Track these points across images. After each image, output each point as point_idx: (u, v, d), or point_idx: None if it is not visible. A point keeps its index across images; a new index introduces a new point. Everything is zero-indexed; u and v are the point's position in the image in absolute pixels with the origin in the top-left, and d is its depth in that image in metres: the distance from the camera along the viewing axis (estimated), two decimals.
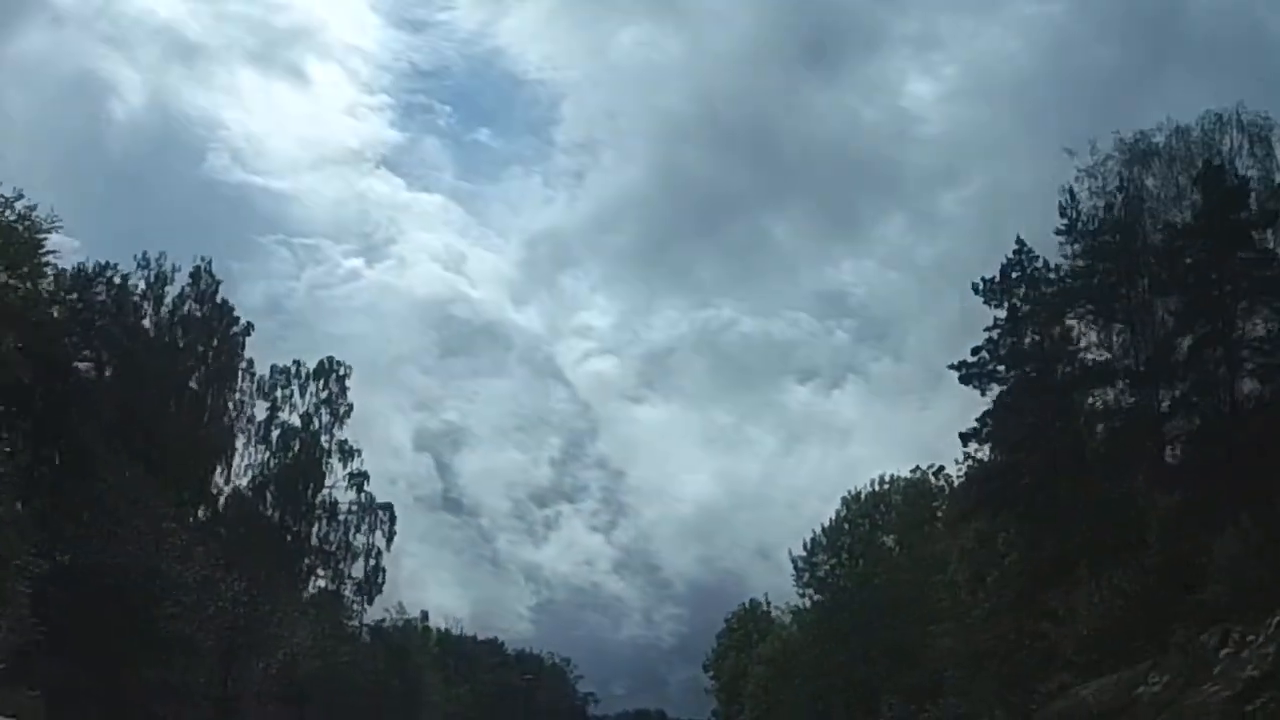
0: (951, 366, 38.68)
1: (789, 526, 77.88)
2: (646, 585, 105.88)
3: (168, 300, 49.25)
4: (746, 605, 79.34)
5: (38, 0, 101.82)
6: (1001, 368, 38.10)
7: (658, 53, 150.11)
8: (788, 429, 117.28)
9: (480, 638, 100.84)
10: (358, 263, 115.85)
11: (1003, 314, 38.64)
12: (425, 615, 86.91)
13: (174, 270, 49.74)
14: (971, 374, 38.09)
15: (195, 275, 50.00)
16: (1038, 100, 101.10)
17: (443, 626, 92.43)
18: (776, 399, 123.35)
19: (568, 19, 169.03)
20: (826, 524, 67.46)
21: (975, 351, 38.16)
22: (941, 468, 56.97)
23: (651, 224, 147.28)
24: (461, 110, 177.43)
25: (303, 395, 55.39)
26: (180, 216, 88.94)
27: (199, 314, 50.62)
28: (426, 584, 79.02)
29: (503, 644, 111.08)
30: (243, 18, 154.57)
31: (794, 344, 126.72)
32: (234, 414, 53.05)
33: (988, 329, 38.58)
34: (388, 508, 55.73)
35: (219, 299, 50.97)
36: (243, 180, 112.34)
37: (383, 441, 74.29)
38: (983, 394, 37.54)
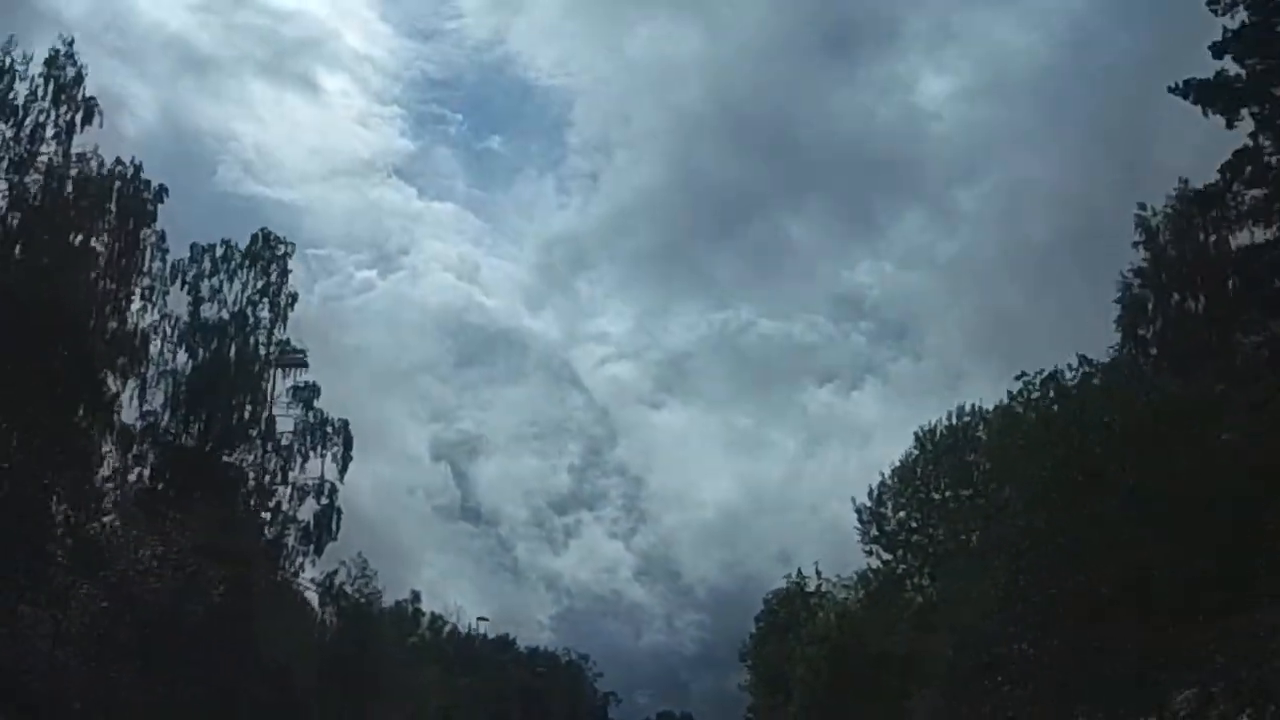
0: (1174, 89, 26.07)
1: (810, 530, 79.07)
2: (667, 592, 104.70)
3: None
4: (795, 578, 66.34)
5: (47, 14, 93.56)
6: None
7: (672, 49, 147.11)
8: (808, 431, 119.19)
9: (491, 635, 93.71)
10: (371, 273, 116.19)
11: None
12: (417, 596, 75.56)
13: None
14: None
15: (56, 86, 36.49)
16: (1056, 93, 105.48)
17: (447, 617, 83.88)
18: (796, 400, 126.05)
19: (580, 19, 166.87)
20: (895, 465, 55.09)
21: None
22: None
23: (668, 225, 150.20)
24: (473, 118, 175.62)
25: (232, 283, 43.04)
26: (192, 230, 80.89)
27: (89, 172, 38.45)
28: (446, 593, 76.71)
29: (514, 640, 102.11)
30: (253, 28, 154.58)
31: (813, 345, 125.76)
32: (141, 307, 41.12)
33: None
34: (342, 429, 43.12)
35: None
36: (254, 192, 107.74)
37: (399, 451, 76.71)
38: (1229, 124, 24.86)
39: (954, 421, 54.69)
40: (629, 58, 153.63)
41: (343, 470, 42.50)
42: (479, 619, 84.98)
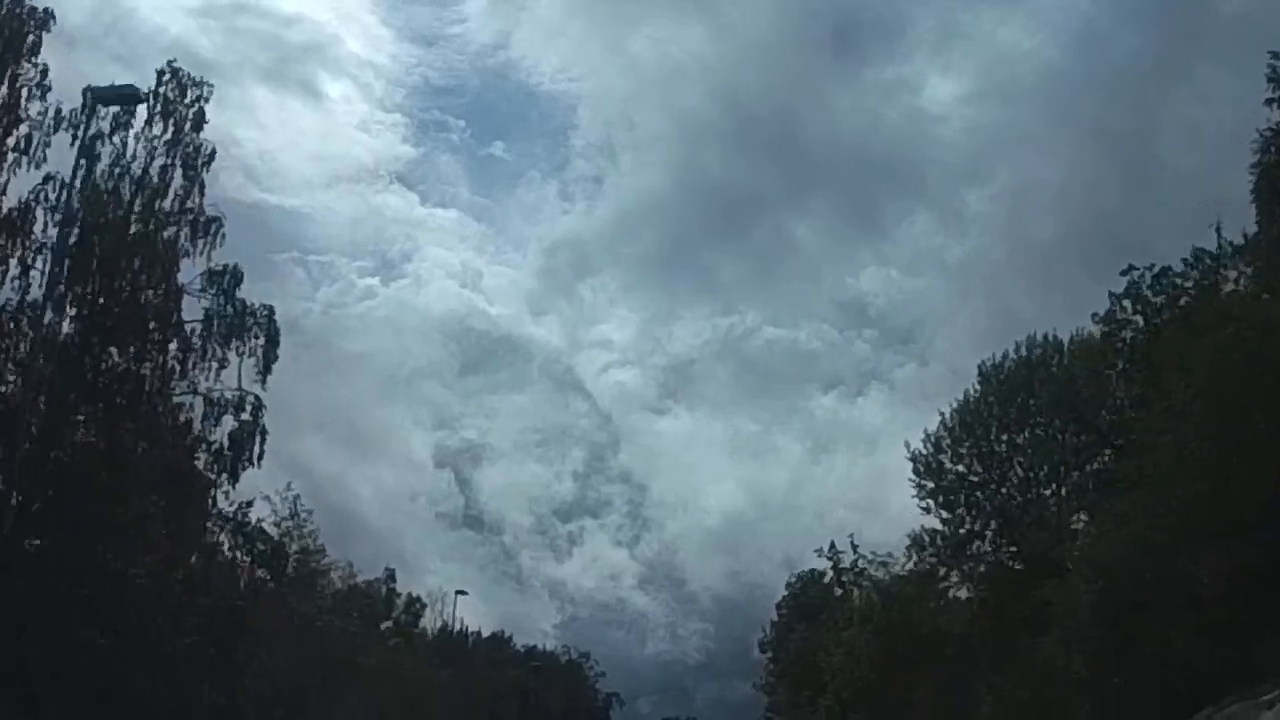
0: None
1: (816, 537, 75.96)
2: (671, 600, 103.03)
3: None
4: (828, 553, 56.71)
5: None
6: None
7: (677, 51, 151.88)
8: (814, 437, 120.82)
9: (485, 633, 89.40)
10: (373, 279, 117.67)
11: None
12: (392, 574, 66.46)
13: None
14: None
15: None
16: (1063, 95, 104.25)
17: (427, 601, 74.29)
18: (802, 406, 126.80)
19: (583, 21, 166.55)
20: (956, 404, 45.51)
21: None
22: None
23: (672, 229, 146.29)
24: (476, 124, 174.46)
25: (131, 136, 33.64)
26: None
27: None
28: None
29: (510, 637, 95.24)
30: (254, 33, 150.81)
31: (819, 351, 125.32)
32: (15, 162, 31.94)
33: None
34: (266, 319, 33.53)
35: None
36: (257, 199, 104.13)
37: (402, 458, 77.64)
38: None
39: (1024, 354, 45.43)
40: (633, 60, 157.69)
41: (264, 375, 32.95)
42: (457, 593, 74.98)
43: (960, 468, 45.34)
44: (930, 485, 45.13)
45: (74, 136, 32.75)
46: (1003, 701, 38.55)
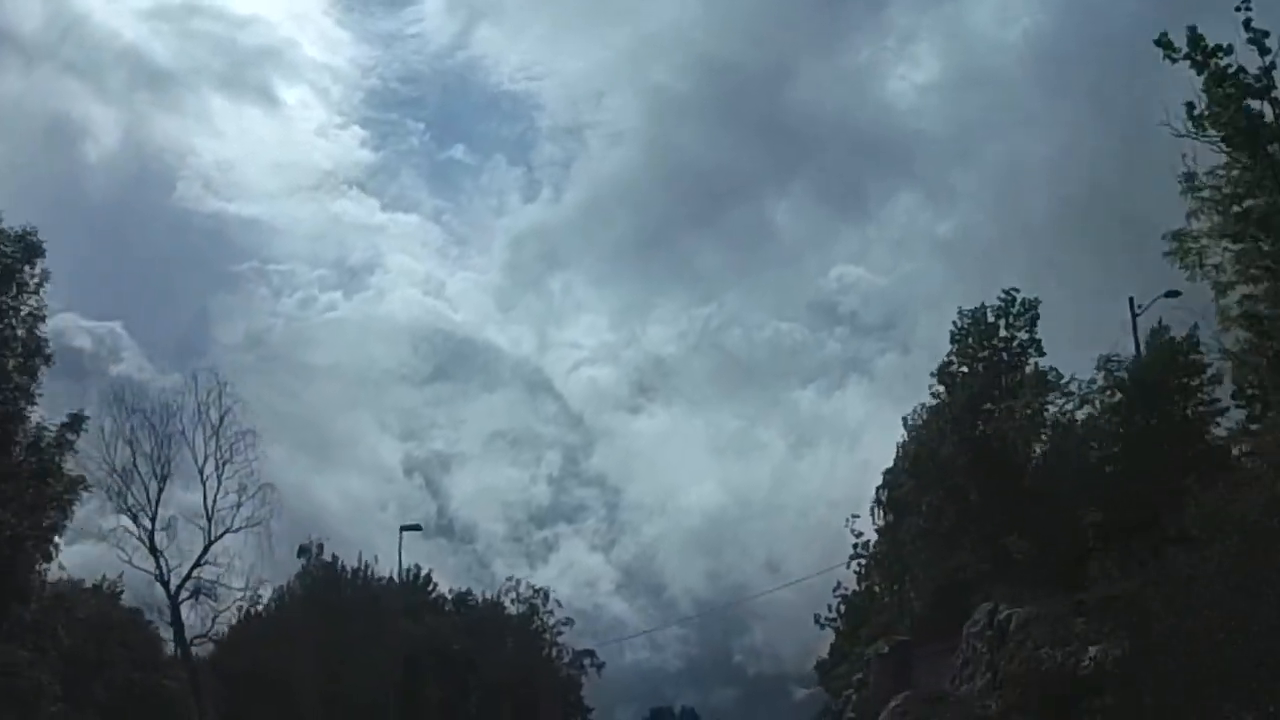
0: None
1: (800, 536, 79.65)
2: (650, 605, 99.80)
3: None
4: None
5: (4, 31, 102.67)
6: None
7: (649, 19, 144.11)
8: (797, 432, 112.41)
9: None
10: (335, 287, 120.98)
11: None
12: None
13: None
14: None
15: None
16: (1056, 64, 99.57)
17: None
18: (785, 398, 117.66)
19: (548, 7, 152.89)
20: None
21: None
22: None
23: (645, 214, 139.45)
24: (436, 125, 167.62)
25: None
26: (153, 247, 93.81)
27: None
28: None
29: (468, 592, 78.65)
30: (208, 37, 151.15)
31: (803, 340, 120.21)
32: None
33: None
34: None
35: None
36: (216, 209, 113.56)
37: (371, 466, 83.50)
38: None
39: None
40: (600, 33, 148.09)
41: None
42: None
43: None
44: None
45: None
46: None
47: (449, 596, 75.37)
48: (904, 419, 49.16)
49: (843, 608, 61.34)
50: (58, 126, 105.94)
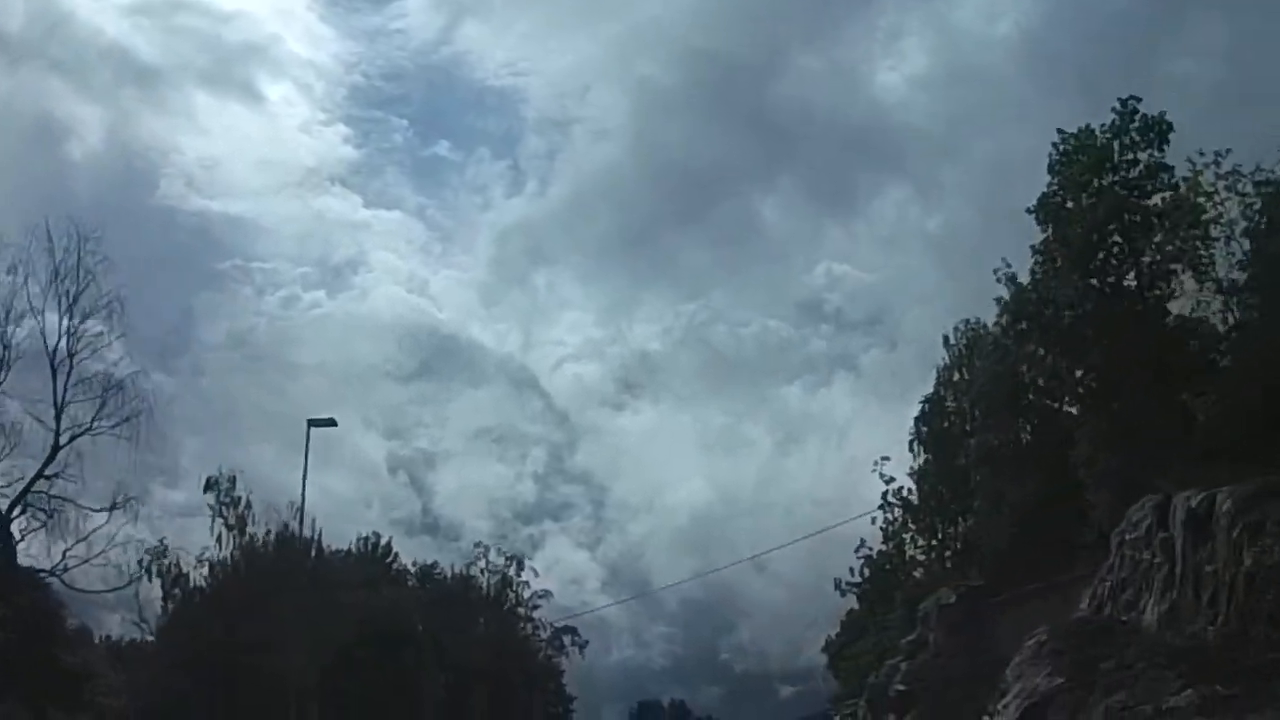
0: None
1: (787, 534, 69.07)
2: (636, 603, 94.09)
3: None
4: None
5: None
6: None
7: (636, 12, 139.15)
8: (784, 428, 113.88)
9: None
10: (319, 285, 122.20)
11: None
12: None
13: None
14: None
15: None
16: (1047, 55, 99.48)
17: None
18: (773, 394, 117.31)
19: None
20: None
21: None
22: None
23: (631, 209, 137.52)
24: (420, 121, 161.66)
25: None
26: (137, 246, 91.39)
27: None
28: None
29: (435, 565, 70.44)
30: (192, 33, 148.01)
31: (791, 336, 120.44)
32: None
33: None
34: None
35: None
36: (199, 206, 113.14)
37: (355, 464, 78.99)
38: None
39: None
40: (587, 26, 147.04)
41: None
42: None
43: None
44: None
45: None
46: None
47: (413, 570, 66.96)
48: (956, 328, 41.68)
49: (866, 570, 53.12)
50: (42, 125, 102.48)
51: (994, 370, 35.89)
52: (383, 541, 65.20)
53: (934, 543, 46.24)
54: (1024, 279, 32.76)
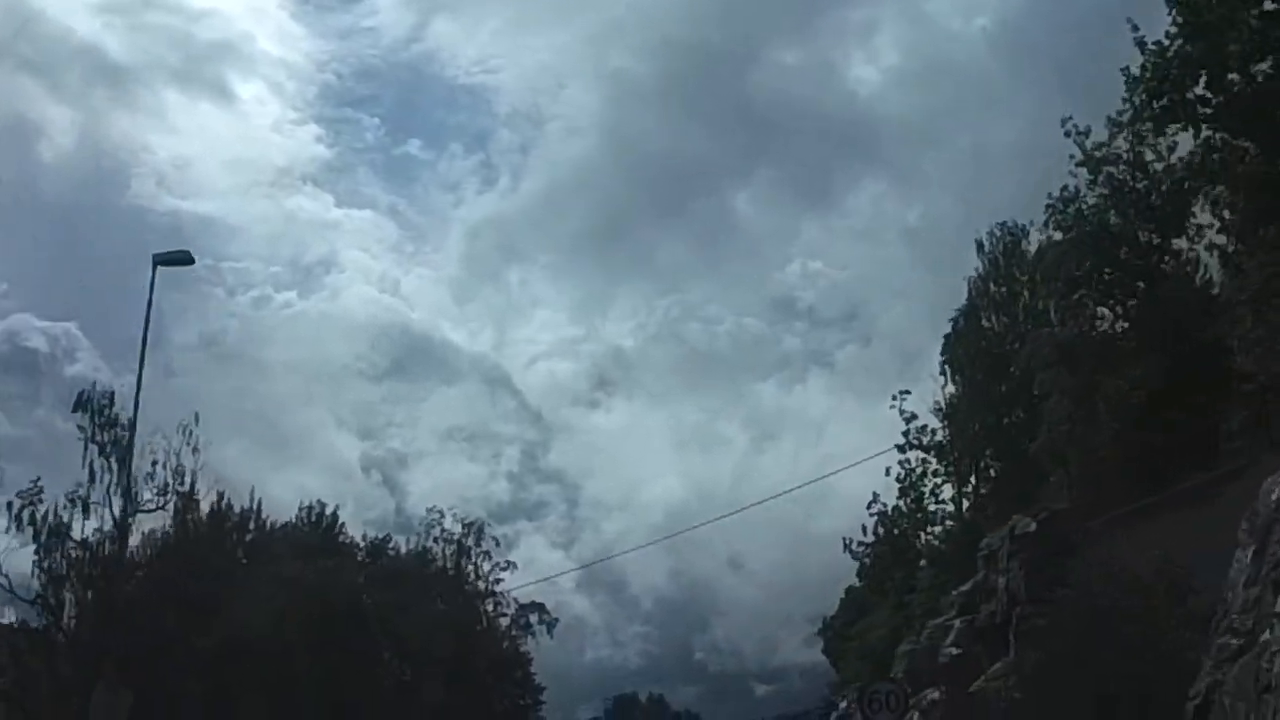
0: None
1: (762, 532, 75.78)
2: (611, 603, 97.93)
3: None
4: None
5: None
6: None
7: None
8: (759, 426, 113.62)
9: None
10: (291, 285, 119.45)
11: None
12: None
13: None
14: None
15: None
16: (1026, 44, 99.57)
17: None
18: (749, 391, 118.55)
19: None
20: None
21: None
22: None
23: (604, 203, 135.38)
24: (391, 120, 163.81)
25: None
26: (106, 246, 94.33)
27: None
28: None
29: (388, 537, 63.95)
30: (163, 30, 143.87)
31: (765, 333, 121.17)
32: None
33: None
34: None
35: None
36: (170, 206, 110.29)
37: (327, 464, 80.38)
38: None
39: None
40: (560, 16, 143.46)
41: None
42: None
43: None
44: None
45: None
46: None
47: (362, 544, 59.86)
48: (992, 232, 35.26)
49: (880, 529, 46.74)
50: (12, 126, 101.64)
51: (1077, 245, 29.49)
52: (328, 510, 58.25)
53: (965, 488, 39.98)
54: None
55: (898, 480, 44.00)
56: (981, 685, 25.42)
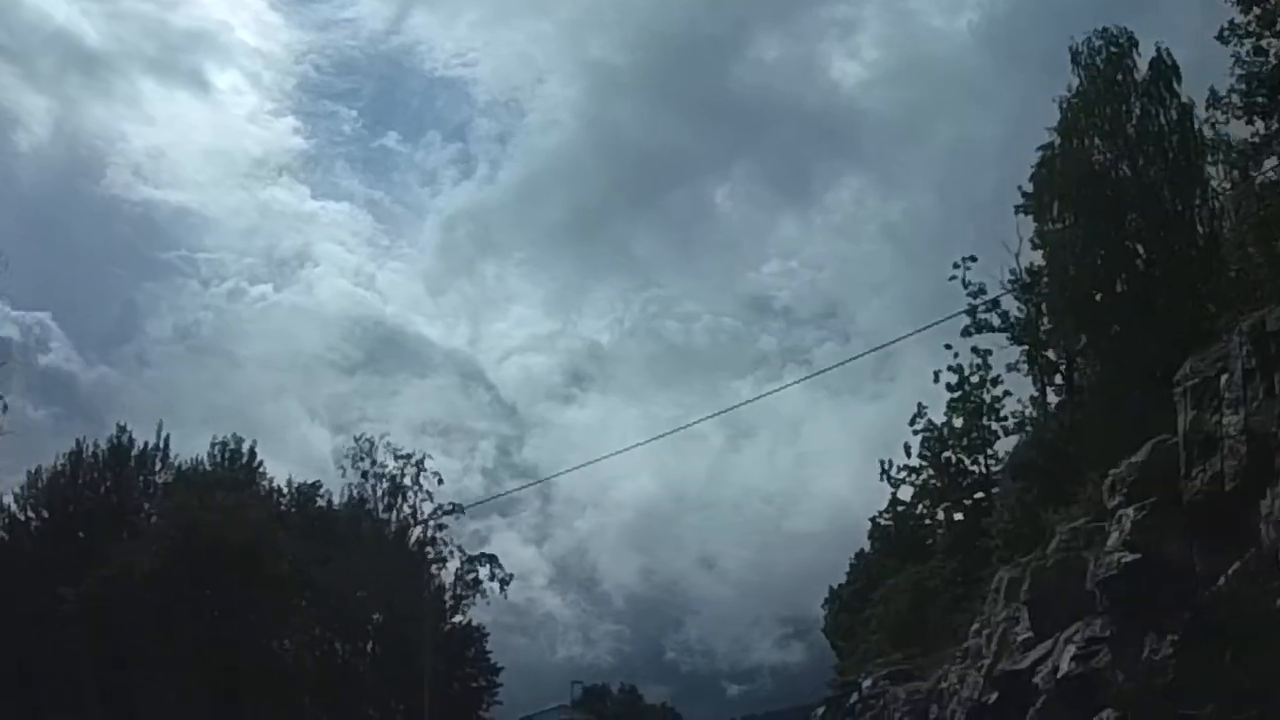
0: None
1: (735, 531, 72.57)
2: (583, 600, 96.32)
3: None
4: None
5: None
6: None
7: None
8: (734, 423, 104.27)
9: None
10: (265, 278, 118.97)
11: None
12: None
13: None
14: None
15: None
16: (1008, 36, 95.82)
17: None
18: (725, 388, 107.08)
19: None
20: None
21: None
22: None
23: (581, 195, 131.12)
24: (369, 112, 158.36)
25: None
26: (83, 236, 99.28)
27: None
28: None
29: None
30: (139, 18, 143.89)
31: (740, 330, 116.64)
32: None
33: None
34: None
35: None
36: (145, 196, 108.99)
37: (301, 459, 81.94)
38: None
39: None
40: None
41: None
42: None
43: None
44: None
45: None
46: None
47: (285, 492, 50.10)
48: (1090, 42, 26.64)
49: (927, 452, 37.77)
50: None
51: None
52: (244, 447, 48.65)
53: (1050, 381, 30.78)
54: None
55: (948, 388, 35.06)
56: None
